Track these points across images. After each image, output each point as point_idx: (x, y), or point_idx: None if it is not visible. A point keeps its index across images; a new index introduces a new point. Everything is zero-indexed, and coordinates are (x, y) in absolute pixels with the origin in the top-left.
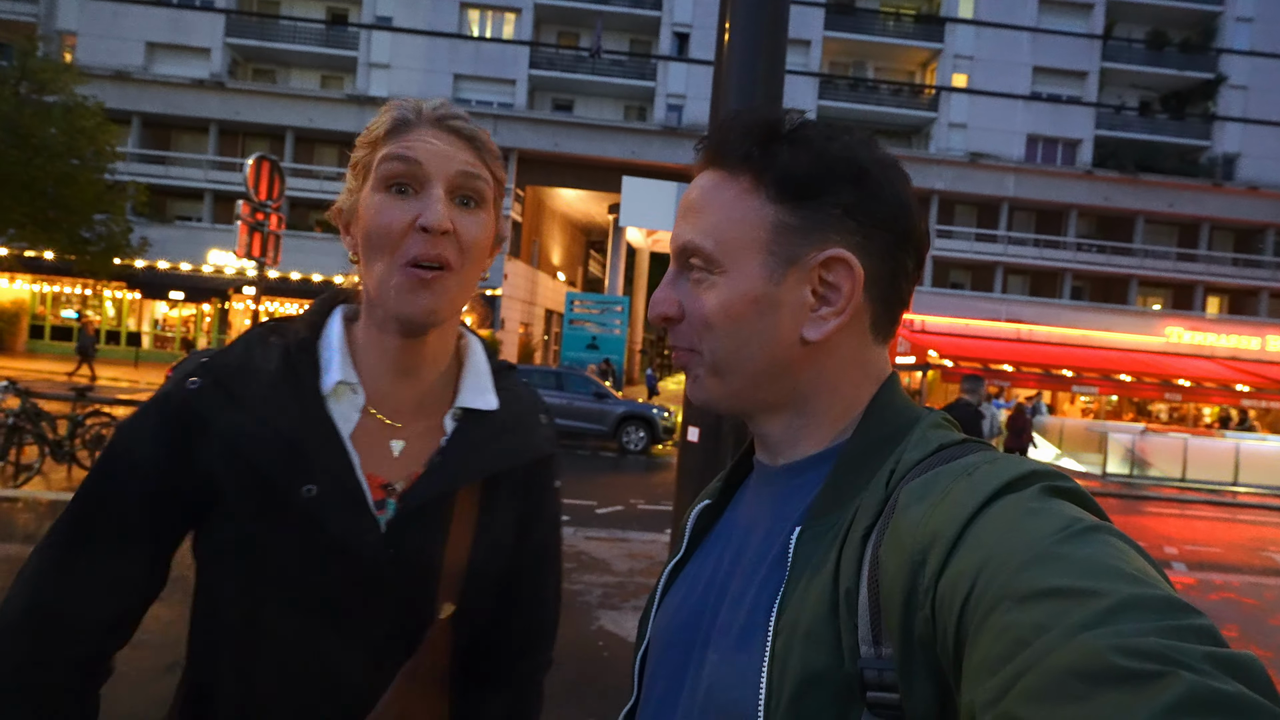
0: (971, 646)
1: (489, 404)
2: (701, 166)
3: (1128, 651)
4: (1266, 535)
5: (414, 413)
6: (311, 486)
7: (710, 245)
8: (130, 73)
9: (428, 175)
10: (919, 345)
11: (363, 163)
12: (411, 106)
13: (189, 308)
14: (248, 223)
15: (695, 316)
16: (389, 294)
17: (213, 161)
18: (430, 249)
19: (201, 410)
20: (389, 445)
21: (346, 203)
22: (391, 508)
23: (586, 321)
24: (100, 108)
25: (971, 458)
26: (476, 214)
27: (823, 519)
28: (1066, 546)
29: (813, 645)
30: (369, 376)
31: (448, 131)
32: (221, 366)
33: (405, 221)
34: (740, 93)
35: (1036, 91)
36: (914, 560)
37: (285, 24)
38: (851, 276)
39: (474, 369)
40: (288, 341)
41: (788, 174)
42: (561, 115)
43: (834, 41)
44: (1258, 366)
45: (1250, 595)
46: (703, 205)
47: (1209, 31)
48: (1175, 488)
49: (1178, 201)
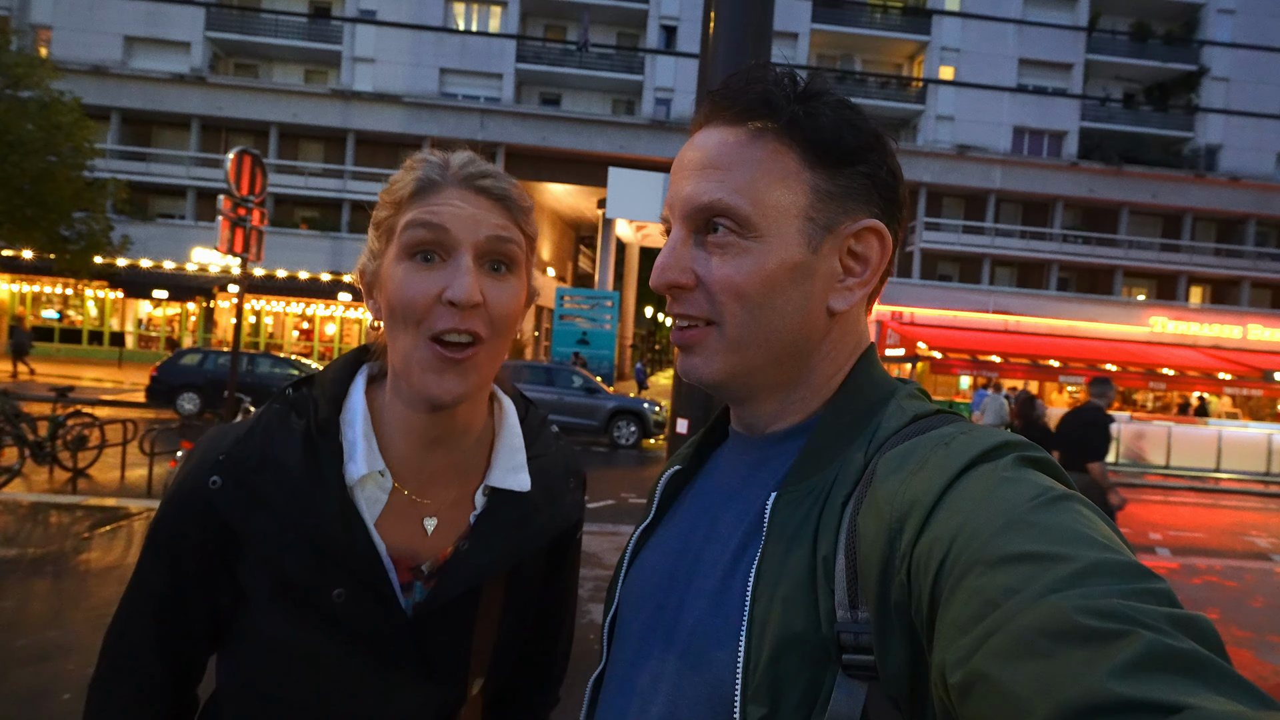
0: (944, 608)
1: (521, 484)
2: (714, 121)
3: (1092, 612)
4: (1247, 520)
5: (443, 485)
6: (341, 591)
7: (748, 207)
8: (108, 67)
9: (455, 243)
10: (908, 337)
11: (386, 224)
12: (438, 165)
13: (173, 307)
14: (229, 218)
15: (720, 285)
16: (414, 371)
17: (195, 158)
18: (459, 324)
19: (224, 512)
20: (421, 523)
21: (370, 266)
22: (419, 590)
23: (577, 317)
24: (77, 103)
25: (947, 428)
26: (507, 280)
27: (798, 486)
28: (1038, 514)
29: (791, 609)
30: (395, 452)
31: (476, 192)
32: (240, 462)
33: (432, 295)
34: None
35: (1022, 83)
36: (892, 527)
37: (267, 18)
38: (881, 247)
39: (507, 443)
40: (308, 424)
41: (827, 139)
42: (549, 109)
43: (821, 34)
44: (1239, 355)
45: (1231, 578)
46: (729, 163)
47: (1191, 23)
48: (1159, 474)
49: (1161, 192)
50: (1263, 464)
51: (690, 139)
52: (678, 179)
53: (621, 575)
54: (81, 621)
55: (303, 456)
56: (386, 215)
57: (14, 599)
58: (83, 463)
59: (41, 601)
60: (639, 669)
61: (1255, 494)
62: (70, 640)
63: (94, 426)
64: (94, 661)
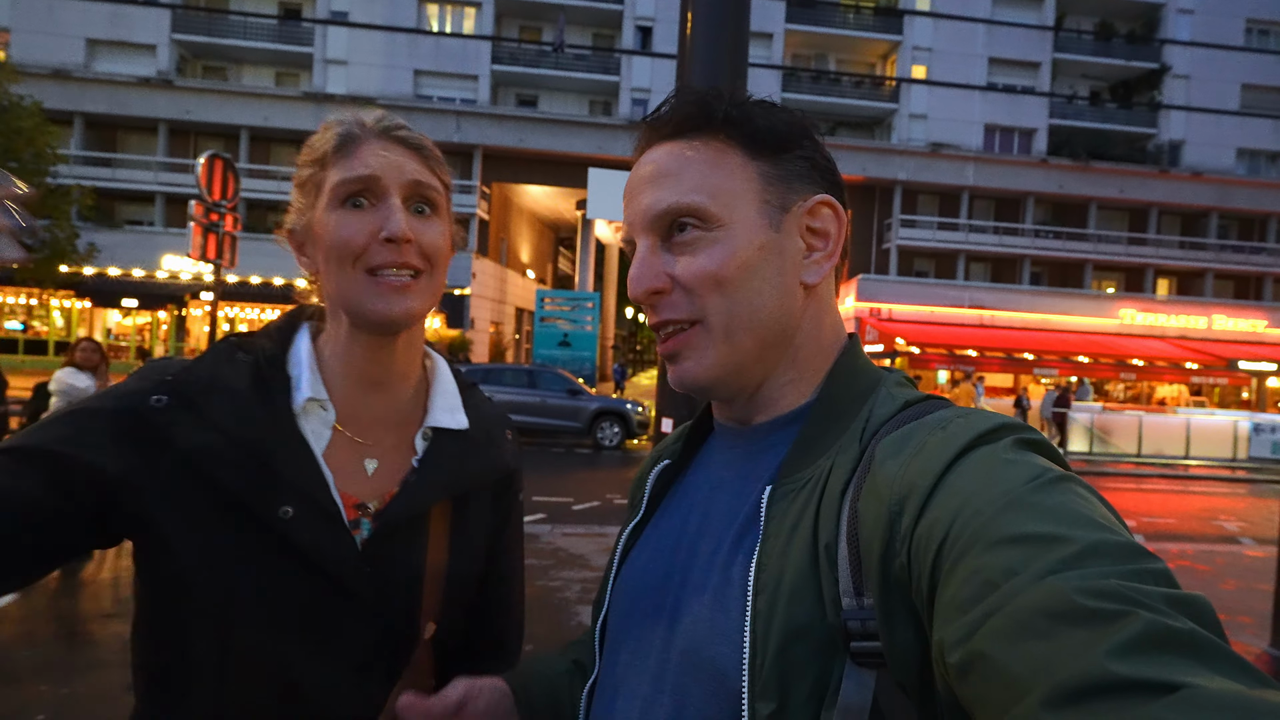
0: (943, 587)
1: (459, 423)
2: (653, 142)
3: (1091, 593)
4: (1216, 505)
5: (383, 430)
6: (288, 508)
7: (706, 201)
8: (70, 71)
9: (384, 187)
10: (886, 333)
11: (312, 181)
12: (354, 121)
13: (143, 315)
14: (201, 224)
15: (697, 278)
16: (362, 301)
17: (163, 163)
18: (396, 257)
19: (163, 429)
20: (362, 464)
21: (299, 223)
22: (365, 527)
23: (558, 319)
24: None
25: (944, 412)
26: (432, 221)
27: (793, 477)
28: (1037, 495)
29: (795, 600)
30: (338, 393)
31: (395, 142)
32: (188, 383)
33: (367, 233)
34: (705, 85)
35: (993, 82)
36: (891, 510)
37: (235, 19)
38: (837, 220)
39: (442, 387)
40: (256, 357)
41: (762, 130)
42: (526, 111)
43: (795, 34)
44: (1205, 345)
45: (1203, 562)
46: (679, 170)
47: (1152, 23)
48: (1131, 463)
49: (1127, 187)
50: (1229, 450)
51: (636, 163)
52: (633, 198)
53: (612, 575)
54: (54, 640)
55: (251, 383)
56: (311, 173)
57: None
58: None
59: (12, 622)
60: (637, 672)
61: (1223, 479)
62: (43, 660)
63: None
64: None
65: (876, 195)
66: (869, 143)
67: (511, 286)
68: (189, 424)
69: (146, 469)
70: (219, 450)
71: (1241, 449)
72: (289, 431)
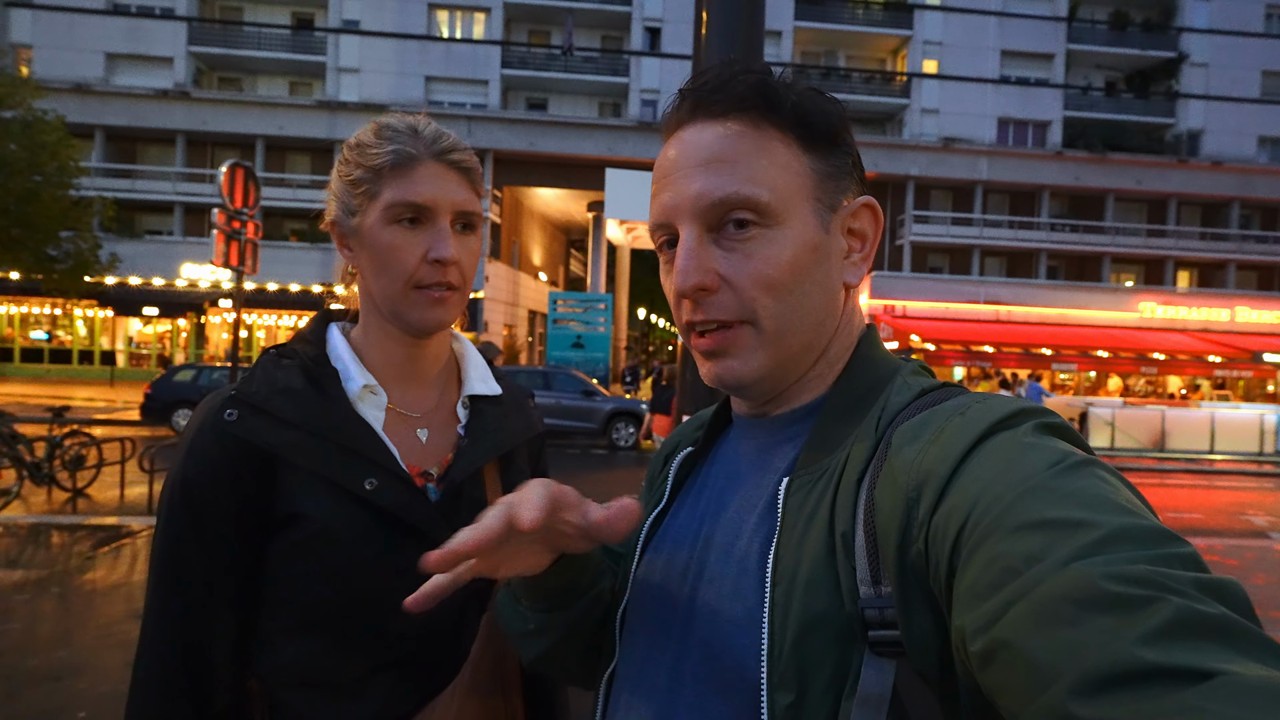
0: (961, 573)
1: (494, 389)
2: (699, 118)
3: (1118, 578)
4: (1244, 499)
5: (427, 404)
6: (372, 479)
7: (767, 195)
8: (90, 85)
9: (436, 212)
10: (901, 330)
11: (366, 187)
12: (410, 135)
13: (164, 323)
14: (224, 231)
15: (752, 280)
16: (406, 311)
17: (181, 173)
18: (441, 276)
19: (250, 436)
20: (416, 435)
21: (346, 221)
22: (432, 491)
23: (571, 320)
24: (61, 122)
25: (962, 398)
26: (471, 239)
27: (810, 468)
28: (1059, 479)
29: (812, 590)
30: (381, 380)
31: (448, 166)
32: (250, 394)
33: (418, 254)
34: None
35: (1005, 75)
36: (909, 496)
37: (249, 31)
38: (875, 221)
39: (472, 362)
40: (300, 360)
41: (820, 122)
42: (536, 114)
43: (805, 31)
44: (1228, 337)
45: (1232, 556)
46: (734, 157)
47: (1169, 10)
48: (1154, 458)
49: (1145, 179)
50: (1256, 444)
51: (674, 137)
52: (676, 180)
53: (634, 566)
54: (90, 640)
55: (305, 382)
56: (364, 177)
57: (21, 620)
58: (81, 482)
59: (50, 622)
60: (655, 663)
61: (1250, 474)
62: (80, 660)
63: (91, 446)
64: (104, 679)
65: (889, 191)
66: (880, 139)
67: (524, 289)
68: (266, 427)
69: (257, 474)
70: (300, 442)
71: (1269, 443)
72: (350, 416)
